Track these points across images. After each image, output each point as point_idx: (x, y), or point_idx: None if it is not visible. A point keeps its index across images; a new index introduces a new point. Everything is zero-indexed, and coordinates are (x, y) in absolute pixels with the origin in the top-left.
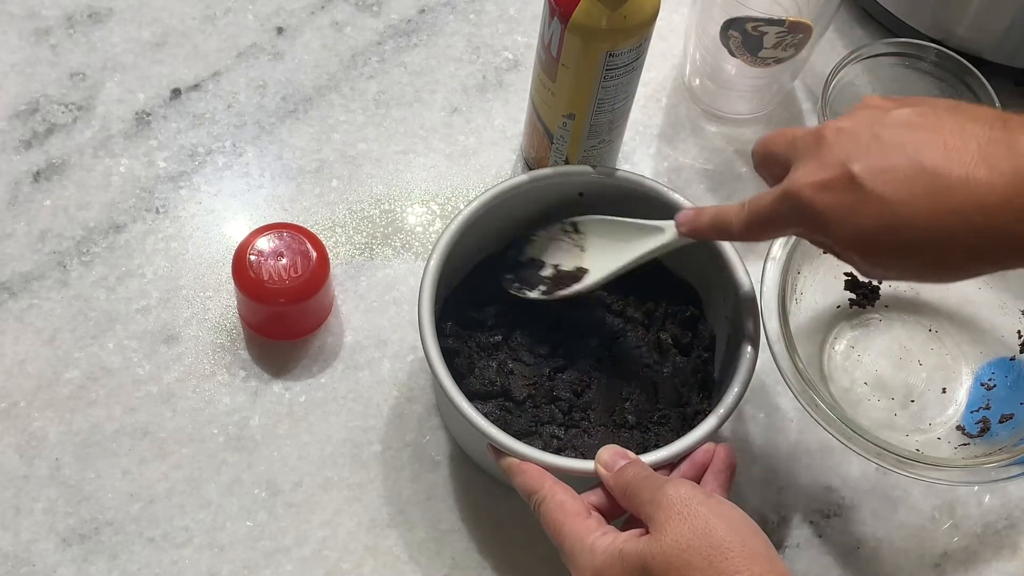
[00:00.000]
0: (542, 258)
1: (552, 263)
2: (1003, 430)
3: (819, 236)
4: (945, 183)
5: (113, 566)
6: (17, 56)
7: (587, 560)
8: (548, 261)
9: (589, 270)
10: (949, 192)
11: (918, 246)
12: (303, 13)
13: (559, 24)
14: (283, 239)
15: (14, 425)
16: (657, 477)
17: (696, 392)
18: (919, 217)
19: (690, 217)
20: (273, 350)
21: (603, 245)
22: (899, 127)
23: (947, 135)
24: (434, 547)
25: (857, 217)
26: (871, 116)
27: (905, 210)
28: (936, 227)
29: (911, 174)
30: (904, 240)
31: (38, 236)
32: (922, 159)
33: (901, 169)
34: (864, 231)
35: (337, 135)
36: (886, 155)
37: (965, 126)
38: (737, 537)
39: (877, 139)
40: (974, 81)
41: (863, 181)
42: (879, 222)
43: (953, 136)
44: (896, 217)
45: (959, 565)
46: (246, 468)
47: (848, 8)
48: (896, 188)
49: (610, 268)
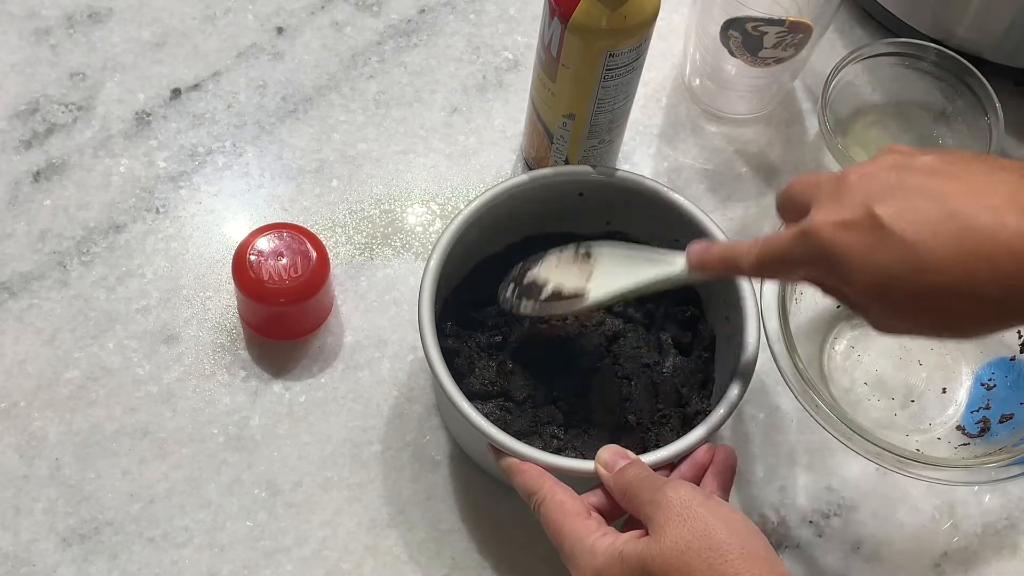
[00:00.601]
0: (547, 279)
1: (554, 285)
2: (1003, 430)
3: (835, 279)
4: (972, 227)
5: (113, 566)
6: (17, 56)
7: (587, 561)
8: (552, 281)
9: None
10: (976, 237)
11: (940, 293)
12: (303, 13)
13: (559, 24)
14: (283, 239)
15: (14, 425)
16: (657, 478)
17: (696, 392)
18: (944, 261)
19: (700, 250)
20: (273, 350)
21: (610, 271)
22: (925, 172)
23: (974, 181)
24: (434, 547)
25: (878, 258)
26: (895, 160)
27: (929, 253)
28: (961, 272)
29: (936, 217)
30: (926, 285)
31: (38, 236)
32: (949, 203)
33: (926, 212)
34: (884, 273)
35: (337, 135)
36: (911, 198)
37: (993, 172)
38: (736, 539)
39: (902, 182)
40: (974, 81)
41: (886, 222)
42: (901, 264)
43: (981, 182)
44: (919, 260)
45: (959, 565)
46: (246, 468)
47: (848, 8)
48: (920, 230)
49: (607, 291)
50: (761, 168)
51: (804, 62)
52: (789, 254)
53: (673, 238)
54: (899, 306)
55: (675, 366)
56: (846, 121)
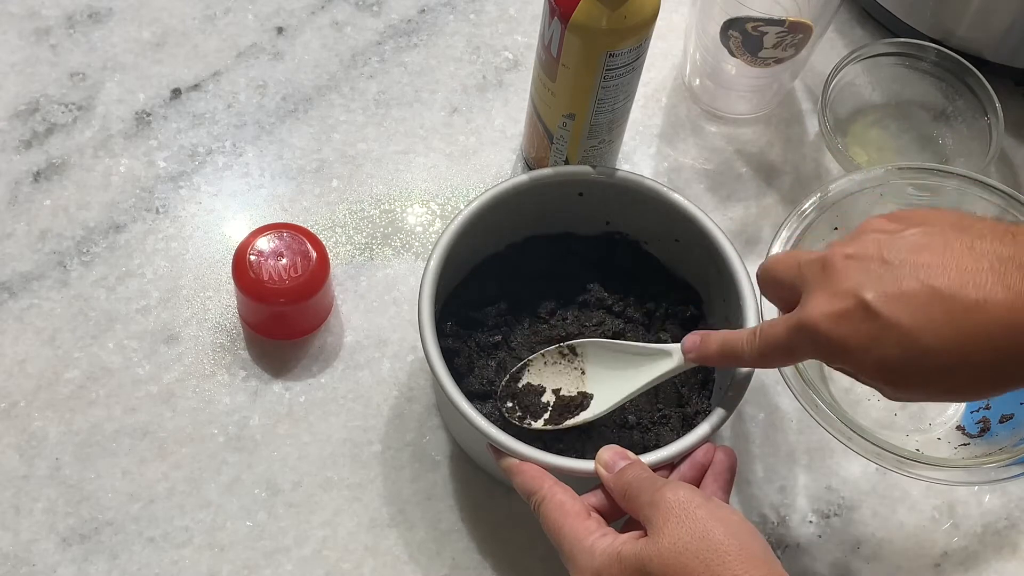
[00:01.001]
0: (541, 383)
1: (552, 388)
2: (1003, 430)
3: (841, 365)
4: (963, 306)
5: (113, 566)
6: (17, 56)
7: (586, 561)
8: (548, 386)
9: (593, 395)
10: (968, 316)
11: (945, 371)
12: (303, 13)
13: (559, 24)
14: (283, 239)
15: (14, 425)
16: (657, 479)
17: (696, 392)
18: (941, 342)
19: (696, 344)
20: (273, 350)
21: (604, 369)
22: (907, 251)
23: (958, 257)
24: (434, 547)
25: (879, 348)
26: (877, 241)
27: (926, 337)
28: (961, 352)
29: (926, 300)
30: (930, 367)
31: (38, 236)
32: (935, 284)
33: (915, 295)
34: (888, 361)
35: (337, 135)
36: (898, 282)
37: (974, 245)
38: (735, 541)
39: (887, 265)
40: (974, 81)
41: (878, 310)
42: (902, 352)
43: (964, 257)
44: (919, 345)
45: (959, 565)
46: (246, 468)
47: (848, 8)
48: (913, 314)
49: (618, 396)
50: (761, 168)
51: (804, 62)
52: (789, 346)
53: (673, 238)
54: (908, 385)
55: None
56: (846, 121)
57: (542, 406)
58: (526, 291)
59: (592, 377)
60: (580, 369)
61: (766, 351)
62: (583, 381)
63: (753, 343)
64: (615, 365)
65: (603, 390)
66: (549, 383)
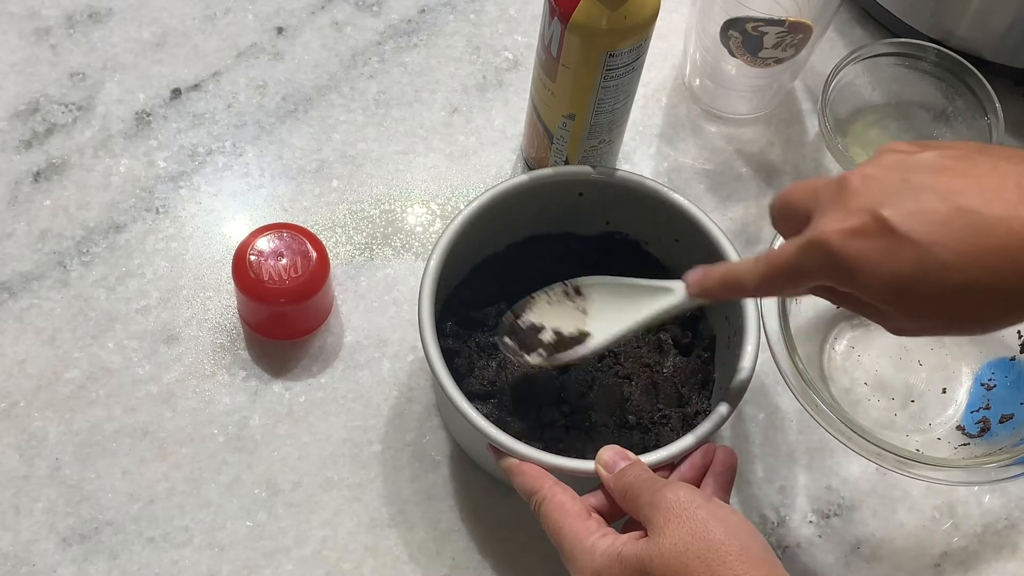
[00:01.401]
0: (542, 322)
1: (552, 327)
2: (1003, 430)
3: (849, 287)
4: (985, 223)
5: (113, 566)
6: (17, 56)
7: (586, 561)
8: (548, 325)
9: (592, 333)
10: (990, 232)
11: (958, 292)
12: (303, 13)
13: (559, 24)
14: (283, 239)
15: (14, 425)
16: (657, 480)
17: (696, 392)
18: (959, 259)
19: (699, 276)
20: (273, 350)
21: (607, 308)
22: (928, 170)
23: (982, 176)
24: (434, 547)
25: (892, 263)
26: (897, 160)
27: (944, 252)
28: (978, 269)
29: (947, 215)
30: (944, 285)
31: (38, 236)
32: (958, 199)
33: (936, 211)
34: (900, 277)
35: (337, 135)
36: (918, 198)
37: (999, 165)
38: (735, 541)
39: (907, 183)
40: (974, 81)
41: (896, 225)
42: (916, 266)
43: (988, 176)
44: (935, 260)
45: (959, 565)
46: (246, 468)
47: (848, 8)
48: (932, 230)
49: (614, 330)
50: (761, 168)
51: (804, 62)
52: (798, 266)
53: (673, 238)
54: (916, 308)
55: (675, 366)
56: (846, 121)
57: (540, 343)
58: (526, 291)
59: (593, 316)
60: (582, 309)
61: (771, 274)
62: (584, 321)
63: (757, 269)
64: (618, 303)
65: (603, 328)
66: (550, 322)
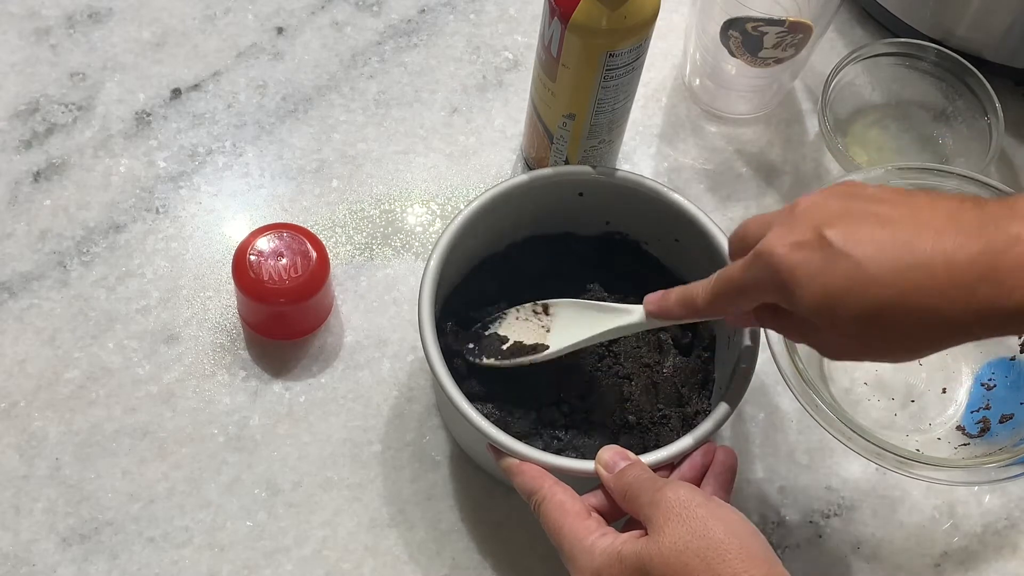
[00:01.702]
0: (507, 335)
1: (515, 339)
2: (1003, 430)
3: (786, 298)
4: (914, 244)
5: (113, 566)
6: (17, 56)
7: (586, 561)
8: (512, 337)
9: (549, 346)
10: (917, 250)
11: (884, 307)
12: (303, 13)
13: (559, 24)
14: (283, 239)
15: (14, 425)
16: (657, 479)
17: (696, 392)
18: (887, 274)
19: (656, 298)
20: (273, 350)
21: (569, 325)
22: (873, 200)
23: (920, 208)
24: (434, 547)
25: (826, 275)
26: (844, 190)
27: (873, 267)
28: (904, 284)
29: (880, 237)
30: (872, 298)
31: (38, 236)
32: (892, 225)
33: (871, 233)
34: (833, 288)
35: (337, 135)
36: (857, 221)
37: (936, 200)
38: (735, 539)
39: (849, 209)
40: (974, 81)
41: (833, 241)
42: (847, 280)
43: (924, 208)
44: (865, 274)
45: (959, 565)
46: (246, 468)
47: (848, 8)
48: (866, 249)
49: (567, 342)
50: (761, 168)
51: (804, 62)
52: (744, 280)
53: (673, 238)
54: (846, 324)
55: (675, 366)
56: (846, 121)
57: (498, 350)
58: (526, 291)
59: (555, 332)
60: (546, 327)
61: (719, 290)
62: (545, 336)
63: (707, 286)
64: (579, 321)
65: (558, 341)
66: (513, 335)
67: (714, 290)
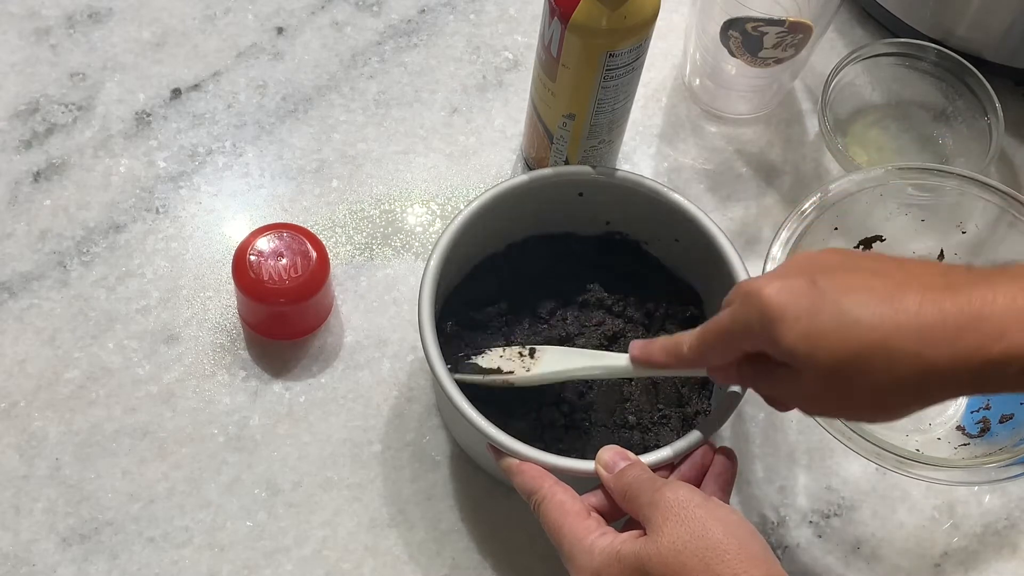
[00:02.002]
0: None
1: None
2: (1003, 430)
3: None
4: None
5: (113, 566)
6: (17, 56)
7: (585, 561)
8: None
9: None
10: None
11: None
12: (303, 13)
13: (559, 24)
14: (283, 239)
15: (14, 425)
16: (656, 479)
17: (696, 392)
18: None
19: (641, 345)
20: (273, 350)
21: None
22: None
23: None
24: (434, 547)
25: (812, 317)
26: (837, 250)
27: (859, 310)
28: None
29: (872, 285)
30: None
31: (38, 236)
32: (885, 276)
33: (863, 281)
34: (815, 331)
35: (337, 135)
36: (848, 273)
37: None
38: (734, 540)
39: (844, 262)
40: (974, 81)
41: (824, 287)
42: (832, 323)
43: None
44: (849, 317)
45: (959, 565)
46: (246, 468)
47: (848, 8)
48: (854, 296)
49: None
50: (761, 168)
51: (804, 62)
52: (729, 322)
53: (673, 238)
54: (826, 367)
55: None
56: (846, 121)
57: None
58: (526, 291)
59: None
60: (527, 368)
61: (706, 336)
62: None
63: (694, 334)
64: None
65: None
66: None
67: (701, 337)
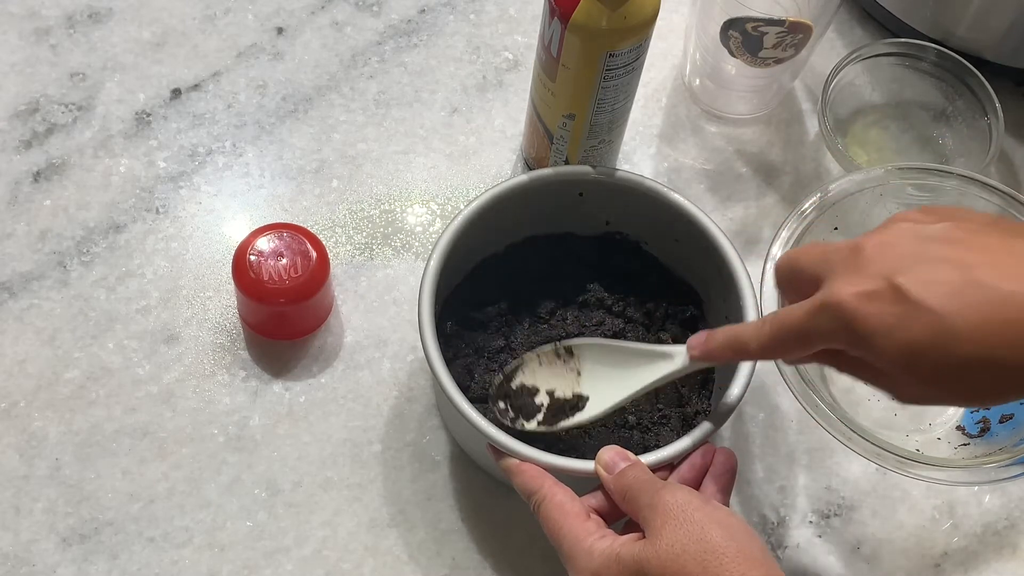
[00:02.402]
0: (535, 384)
1: (546, 389)
2: (1003, 430)
3: (859, 352)
4: (999, 296)
5: (113, 566)
6: (17, 56)
7: (585, 562)
8: (542, 387)
9: (589, 396)
10: (1003, 304)
11: (971, 363)
12: (303, 13)
13: (559, 24)
14: (283, 239)
15: (14, 425)
16: (656, 481)
17: (696, 392)
18: (973, 330)
19: (701, 341)
20: (273, 350)
21: (601, 370)
22: (943, 241)
23: (996, 251)
24: (434, 547)
25: (906, 330)
26: (910, 229)
27: (958, 322)
28: (992, 340)
29: (960, 286)
30: (958, 355)
31: (38, 236)
32: (972, 272)
33: (951, 281)
34: (914, 345)
35: (337, 135)
36: (932, 268)
37: (1011, 242)
38: (733, 543)
39: (921, 252)
40: (974, 81)
41: (909, 291)
42: (930, 334)
43: (1001, 252)
44: (949, 329)
45: (959, 565)
46: (246, 468)
47: (848, 8)
48: (945, 300)
49: (615, 399)
50: (761, 168)
51: (804, 62)
52: (808, 329)
53: (673, 238)
54: (927, 377)
55: None
56: (846, 121)
57: (535, 407)
58: (526, 291)
59: (588, 378)
60: (576, 370)
61: (779, 336)
62: (578, 383)
63: (762, 330)
64: (613, 366)
65: (599, 391)
66: (543, 384)
67: (772, 335)
